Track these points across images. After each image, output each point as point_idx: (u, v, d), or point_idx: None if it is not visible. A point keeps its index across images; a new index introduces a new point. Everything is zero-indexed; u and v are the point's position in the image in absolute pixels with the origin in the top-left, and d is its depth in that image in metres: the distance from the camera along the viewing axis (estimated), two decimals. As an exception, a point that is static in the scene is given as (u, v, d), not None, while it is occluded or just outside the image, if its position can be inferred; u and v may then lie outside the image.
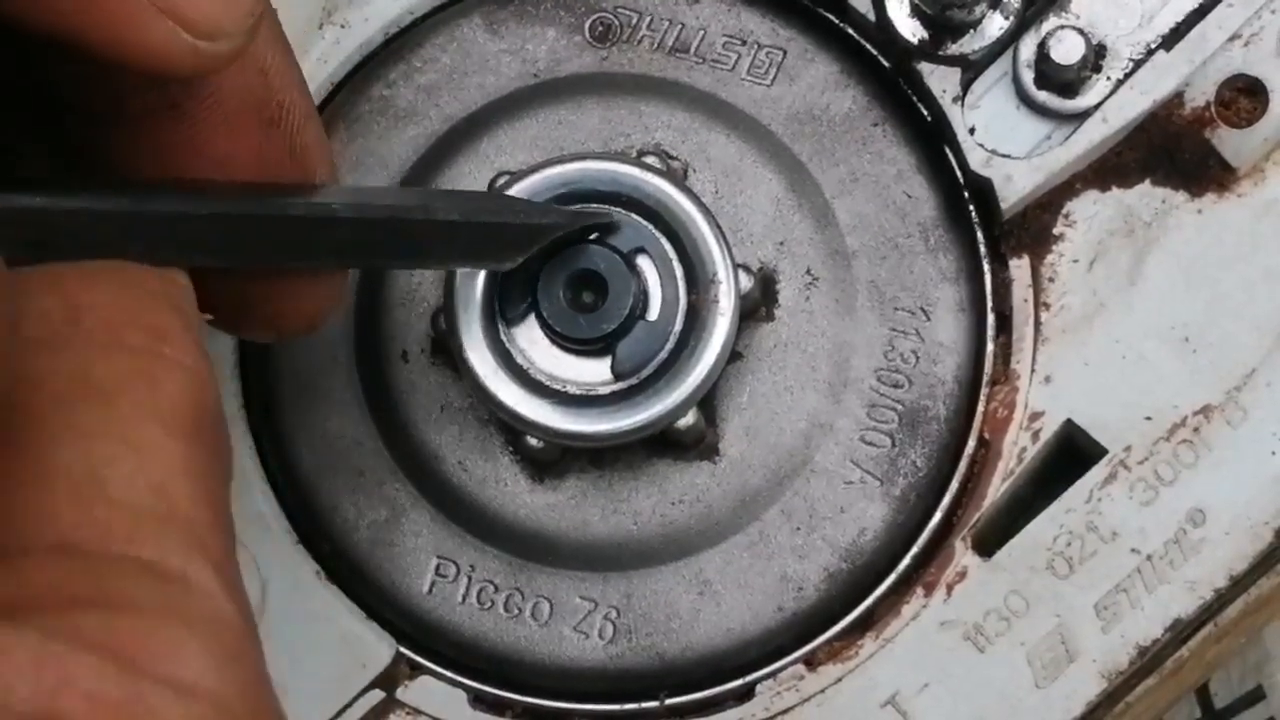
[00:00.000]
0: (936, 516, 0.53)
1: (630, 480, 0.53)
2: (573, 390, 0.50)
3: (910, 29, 0.55)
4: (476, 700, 0.54)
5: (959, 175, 0.55)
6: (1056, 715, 0.51)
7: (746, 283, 0.52)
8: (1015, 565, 0.51)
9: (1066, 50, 0.53)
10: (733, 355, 0.52)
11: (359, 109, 0.57)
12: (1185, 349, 0.52)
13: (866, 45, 0.56)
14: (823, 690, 0.52)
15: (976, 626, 0.51)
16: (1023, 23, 0.54)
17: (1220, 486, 0.51)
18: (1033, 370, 0.53)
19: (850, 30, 0.56)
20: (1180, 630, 0.51)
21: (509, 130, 0.56)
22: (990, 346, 0.54)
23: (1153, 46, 0.54)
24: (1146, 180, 0.53)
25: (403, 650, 0.53)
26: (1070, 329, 0.53)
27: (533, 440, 0.52)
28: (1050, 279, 0.54)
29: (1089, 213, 0.54)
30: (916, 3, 0.54)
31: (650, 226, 0.50)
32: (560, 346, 0.51)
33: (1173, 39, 0.53)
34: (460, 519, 0.54)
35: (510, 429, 0.53)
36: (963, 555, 0.52)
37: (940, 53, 0.54)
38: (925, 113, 0.55)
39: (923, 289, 0.54)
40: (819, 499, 0.53)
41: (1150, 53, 0.53)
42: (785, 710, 0.52)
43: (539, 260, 0.49)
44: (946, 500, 0.53)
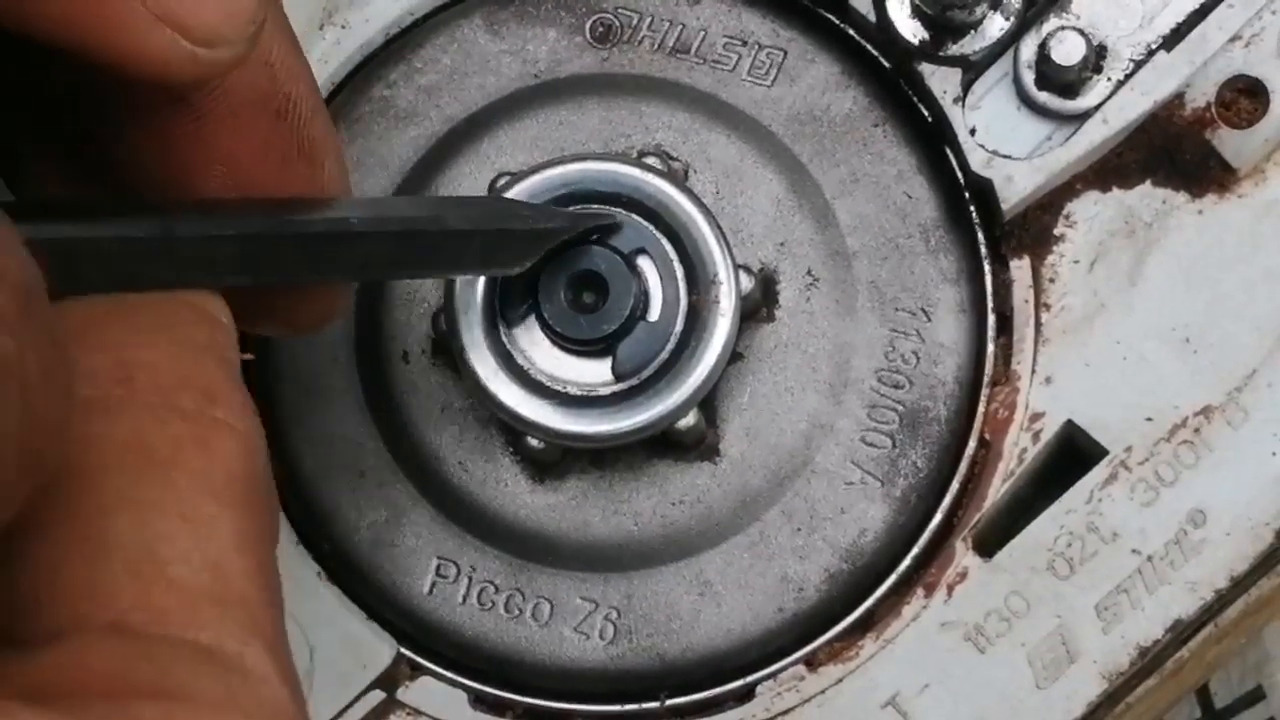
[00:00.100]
0: (937, 517, 0.53)
1: (631, 481, 0.53)
2: (573, 391, 0.50)
3: (911, 30, 0.55)
4: (477, 701, 0.54)
5: (959, 176, 0.55)
6: (1057, 716, 0.51)
7: (747, 283, 0.52)
8: (1016, 566, 0.51)
9: (1067, 51, 0.53)
10: (733, 356, 0.52)
11: (359, 109, 0.57)
12: (1186, 350, 0.52)
13: (867, 46, 0.56)
14: (823, 691, 0.52)
15: (977, 627, 0.51)
16: (1023, 23, 0.54)
17: (1221, 487, 0.51)
18: (1033, 371, 0.53)
19: (851, 31, 0.56)
20: (1181, 631, 0.51)
21: (509, 131, 0.56)
22: (991, 347, 0.54)
23: (1153, 47, 0.54)
24: (1147, 181, 0.53)
25: (403, 651, 0.53)
26: (1071, 330, 0.53)
27: (533, 441, 0.52)
28: (1051, 280, 0.54)
29: (1090, 213, 0.54)
30: (917, 3, 0.54)
31: (651, 227, 0.50)
32: (561, 347, 0.50)
33: (1173, 40, 0.53)
34: (461, 519, 0.54)
35: (511, 430, 0.53)
36: (963, 556, 0.52)
37: (941, 53, 0.54)
38: (926, 113, 0.55)
39: (923, 290, 0.54)
40: (819, 500, 0.53)
41: (1151, 53, 0.53)
42: (786, 711, 0.52)
43: (540, 261, 0.49)
44: (947, 501, 0.53)
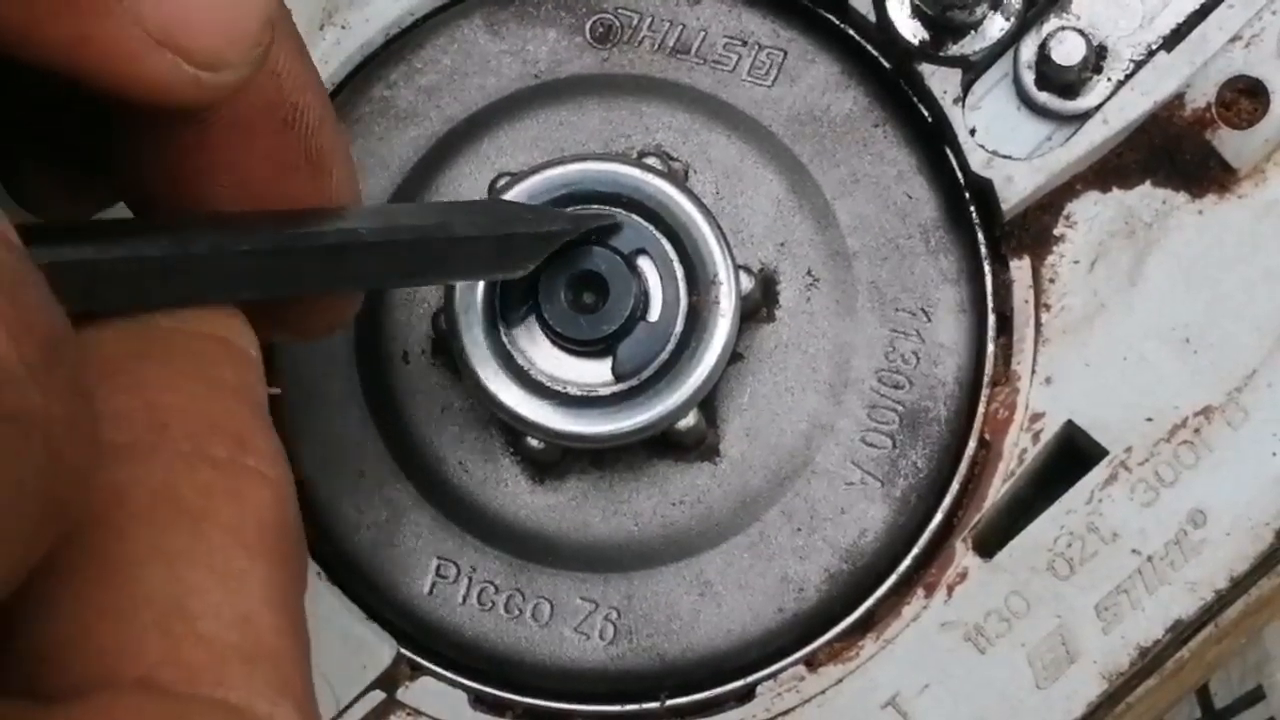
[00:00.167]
0: (937, 517, 0.53)
1: (631, 481, 0.53)
2: (573, 391, 0.50)
3: (911, 30, 0.55)
4: (477, 701, 0.54)
5: (960, 176, 0.55)
6: (1057, 716, 0.51)
7: (747, 284, 0.52)
8: (1016, 566, 0.51)
9: (1067, 51, 0.53)
10: (733, 356, 0.52)
11: (359, 110, 0.57)
12: (1186, 350, 0.52)
13: (867, 46, 0.56)
14: (823, 691, 0.52)
15: (977, 627, 0.51)
16: (1023, 24, 0.54)
17: (1221, 487, 0.51)
18: (1033, 371, 0.53)
19: (851, 31, 0.56)
20: (1181, 631, 0.51)
21: (510, 131, 0.56)
22: (991, 347, 0.54)
23: (1154, 47, 0.54)
24: (1147, 181, 0.53)
25: (403, 651, 0.53)
26: (1071, 330, 0.53)
27: (533, 441, 0.52)
28: (1051, 280, 0.53)
29: (1090, 214, 0.54)
30: (917, 4, 0.54)
31: (651, 227, 0.50)
32: (561, 347, 0.50)
33: (1173, 40, 0.53)
34: (461, 520, 0.54)
35: (511, 430, 0.53)
36: (963, 556, 0.52)
37: (941, 54, 0.54)
38: (926, 114, 0.55)
39: (923, 290, 0.54)
40: (820, 500, 0.53)
41: (1151, 54, 0.53)
42: (786, 711, 0.52)
43: (541, 262, 0.49)
44: (947, 501, 0.53)
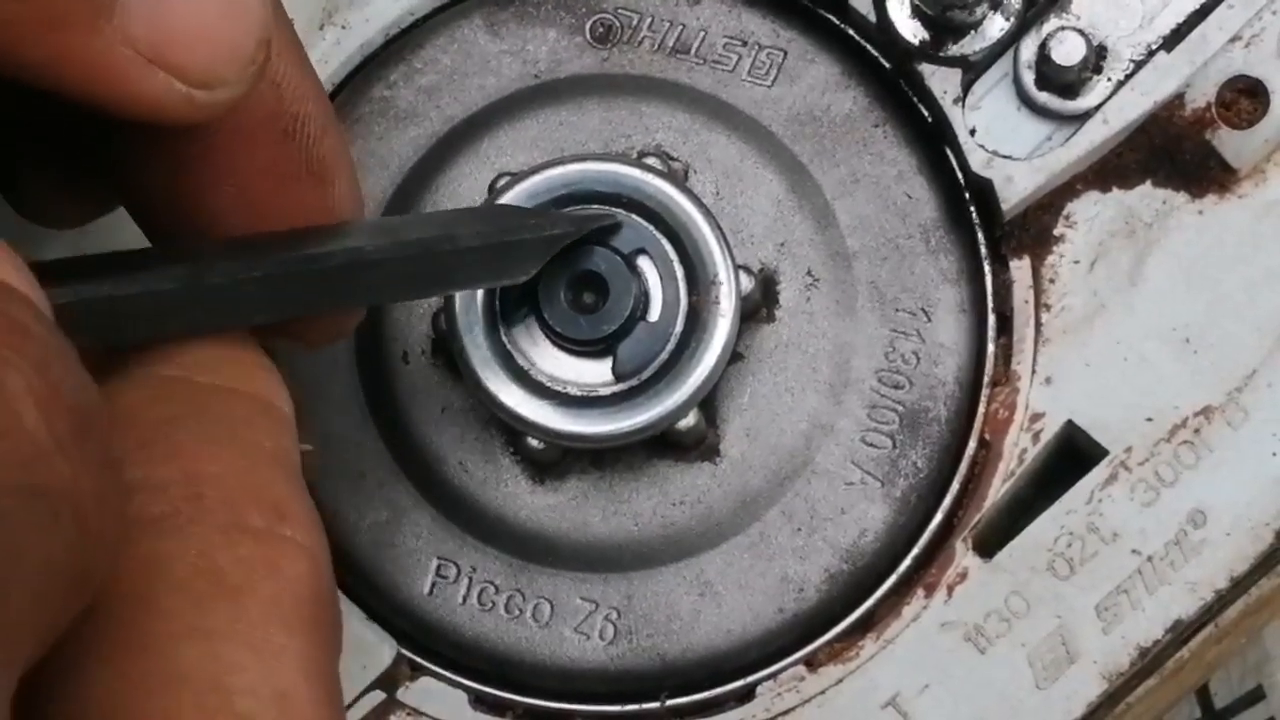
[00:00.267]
0: (937, 517, 0.53)
1: (631, 481, 0.53)
2: (573, 391, 0.50)
3: (911, 30, 0.55)
4: (477, 701, 0.54)
5: (960, 176, 0.55)
6: (1057, 716, 0.51)
7: (747, 284, 0.52)
8: (1016, 566, 0.51)
9: (1067, 51, 0.53)
10: (733, 356, 0.52)
11: (359, 110, 0.57)
12: (1186, 350, 0.52)
13: (867, 46, 0.56)
14: (823, 691, 0.52)
15: (977, 627, 0.51)
16: (1023, 24, 0.54)
17: (1221, 487, 0.51)
18: (1033, 371, 0.53)
19: (851, 31, 0.56)
20: (1181, 631, 0.51)
21: (510, 131, 0.56)
22: (991, 347, 0.54)
23: (1154, 47, 0.54)
24: (1147, 181, 0.53)
25: (403, 651, 0.53)
26: (1071, 330, 0.53)
27: (533, 441, 0.52)
28: (1051, 280, 0.53)
29: (1090, 214, 0.54)
30: (917, 4, 0.54)
31: (651, 228, 0.50)
32: (561, 348, 0.50)
33: (1173, 40, 0.53)
34: (461, 520, 0.54)
35: (511, 430, 0.53)
36: (963, 556, 0.52)
37: (941, 54, 0.54)
38: (926, 114, 0.55)
39: (923, 290, 0.54)
40: (820, 500, 0.53)
41: (1151, 54, 0.53)
42: (786, 711, 0.52)
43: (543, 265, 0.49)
44: (947, 501, 0.53)
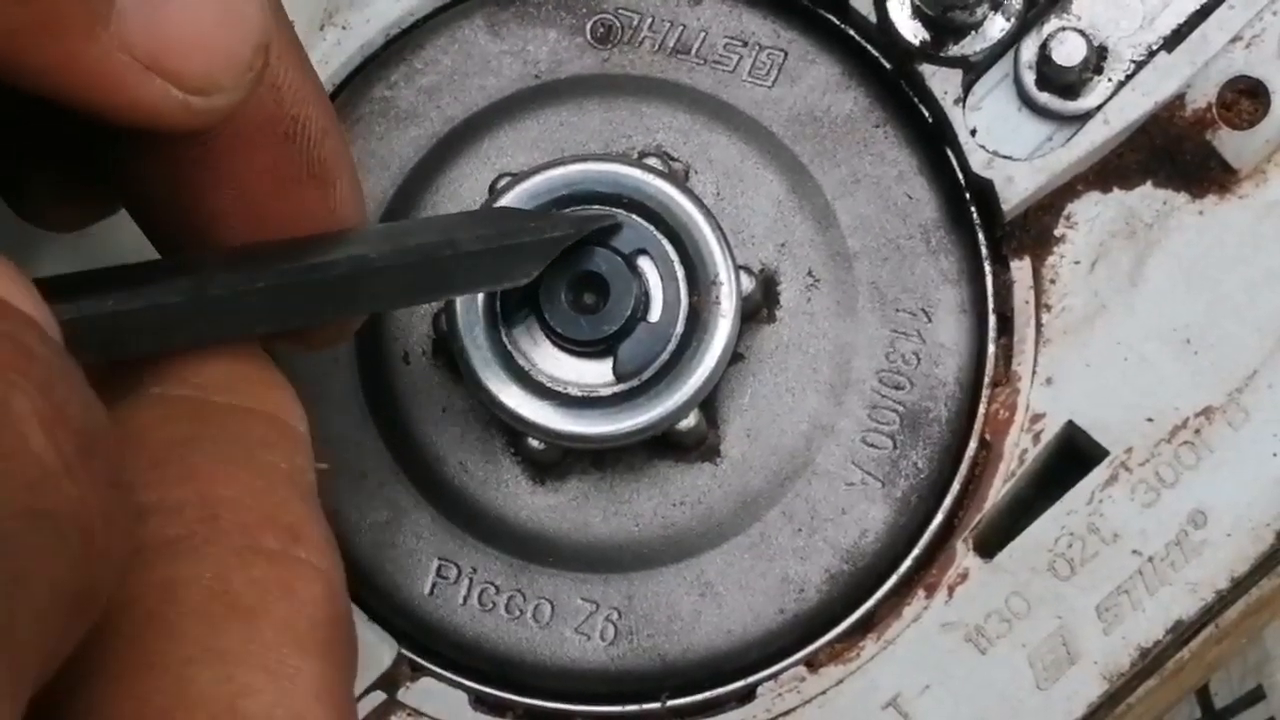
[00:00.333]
0: (938, 518, 0.53)
1: (632, 482, 0.53)
2: (574, 392, 0.50)
3: (912, 30, 0.55)
4: (478, 702, 0.54)
5: (960, 177, 0.55)
6: (1058, 717, 0.51)
7: (748, 284, 0.52)
8: (1016, 567, 0.51)
9: (1068, 52, 0.53)
10: (734, 357, 0.52)
11: (360, 110, 0.57)
12: (1186, 350, 0.52)
13: (868, 47, 0.56)
14: (824, 692, 0.52)
15: (978, 628, 0.51)
16: (1024, 24, 0.54)
17: (1222, 488, 0.51)
18: (1034, 372, 0.53)
19: (851, 32, 0.56)
20: (1182, 632, 0.51)
21: (510, 132, 0.56)
22: (991, 348, 0.54)
23: (1154, 48, 0.54)
24: (1148, 182, 0.53)
25: (404, 652, 0.53)
26: (1071, 330, 0.53)
27: (534, 442, 0.52)
28: (1051, 280, 0.53)
29: (1090, 214, 0.54)
30: (918, 4, 0.54)
31: (652, 228, 0.50)
32: (562, 348, 0.50)
33: (1174, 40, 0.53)
34: (462, 520, 0.54)
35: (512, 431, 0.53)
36: (964, 557, 0.52)
37: (941, 54, 0.54)
38: (926, 114, 0.55)
39: (924, 290, 0.54)
40: (820, 500, 0.53)
41: (1152, 54, 0.53)
42: (787, 712, 0.52)
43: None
44: (948, 502, 0.53)
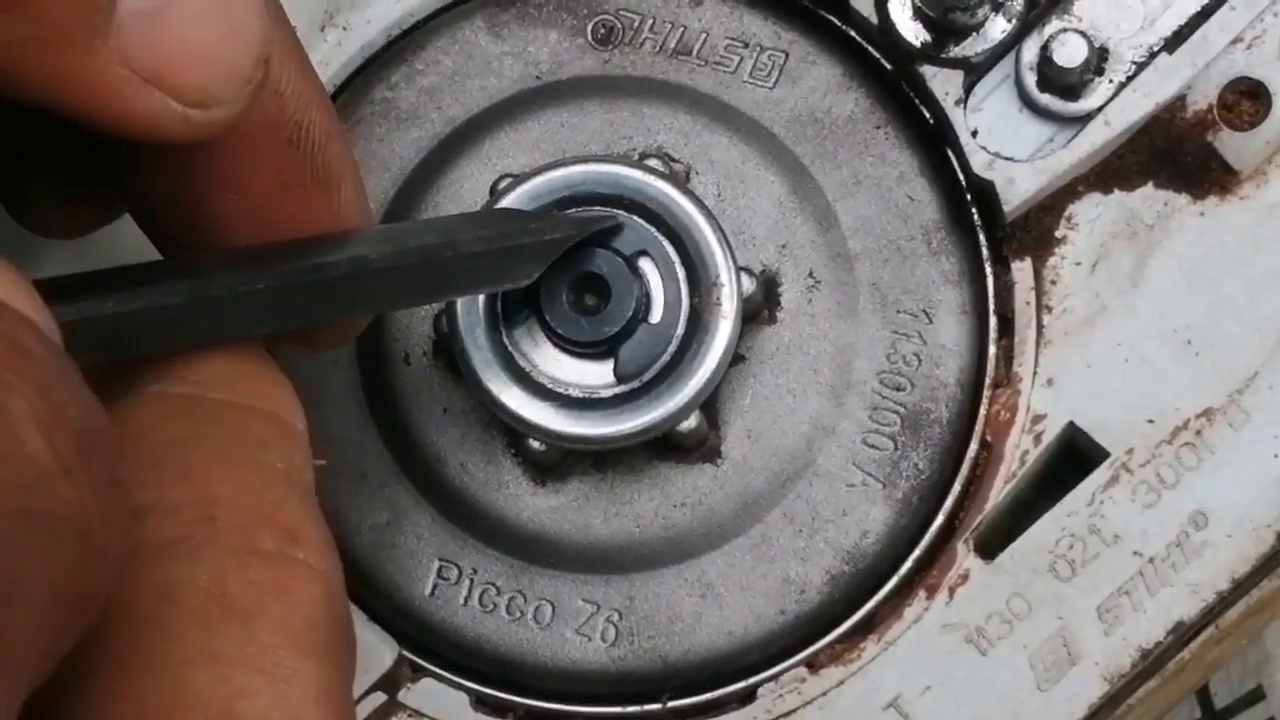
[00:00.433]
0: (939, 519, 0.53)
1: (632, 483, 0.53)
2: (575, 393, 0.50)
3: (912, 31, 0.55)
4: (478, 703, 0.54)
5: (961, 178, 0.55)
6: (1058, 717, 0.51)
7: (749, 285, 0.52)
8: (1017, 568, 0.51)
9: (1069, 53, 0.53)
10: (735, 358, 0.52)
11: (361, 111, 0.57)
12: (1187, 351, 0.52)
13: (869, 48, 0.56)
14: (825, 693, 0.52)
15: (978, 629, 0.51)
16: (1025, 25, 0.54)
17: (1222, 489, 0.51)
18: (1035, 373, 0.53)
19: (852, 33, 0.56)
20: (1182, 633, 0.51)
21: (511, 133, 0.56)
22: (992, 349, 0.54)
23: (1155, 49, 0.54)
24: (1149, 183, 0.53)
25: (405, 653, 0.53)
26: (1072, 331, 0.53)
27: (535, 443, 0.52)
28: (1052, 281, 0.53)
29: (1091, 215, 0.54)
30: (919, 5, 0.54)
31: (653, 229, 0.50)
32: (562, 349, 0.50)
33: (1175, 42, 0.53)
34: (462, 521, 0.54)
35: (512, 432, 0.53)
36: (965, 558, 0.52)
37: (942, 55, 0.54)
38: (927, 115, 0.55)
39: (925, 292, 0.54)
40: (821, 501, 0.53)
41: (1153, 55, 0.53)
42: (787, 713, 0.52)
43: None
44: (948, 503, 0.53)
